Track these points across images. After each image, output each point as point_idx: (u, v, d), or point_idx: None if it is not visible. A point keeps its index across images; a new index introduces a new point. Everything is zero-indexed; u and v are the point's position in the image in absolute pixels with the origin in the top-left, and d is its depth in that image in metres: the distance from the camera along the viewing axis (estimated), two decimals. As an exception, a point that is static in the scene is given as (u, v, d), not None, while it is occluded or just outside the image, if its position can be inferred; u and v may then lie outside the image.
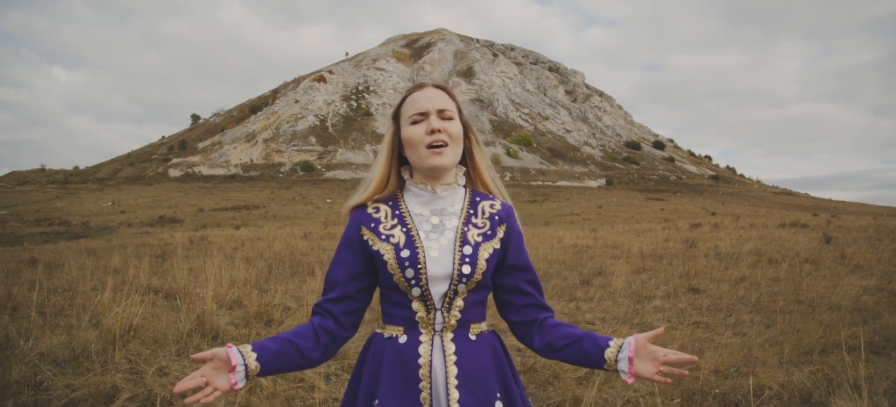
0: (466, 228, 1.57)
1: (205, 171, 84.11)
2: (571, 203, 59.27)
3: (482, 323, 1.60)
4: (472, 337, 1.55)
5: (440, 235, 1.55)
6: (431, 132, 1.55)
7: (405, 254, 1.50)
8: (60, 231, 29.66)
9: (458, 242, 1.54)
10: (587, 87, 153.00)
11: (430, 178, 1.60)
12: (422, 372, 1.49)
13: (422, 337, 1.52)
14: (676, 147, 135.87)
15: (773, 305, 6.91)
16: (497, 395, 1.52)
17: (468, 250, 1.53)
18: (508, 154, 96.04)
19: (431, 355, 1.51)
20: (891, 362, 4.47)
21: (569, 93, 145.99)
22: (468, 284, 1.52)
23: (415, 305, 1.53)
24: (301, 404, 3.71)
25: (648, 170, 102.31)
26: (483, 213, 1.62)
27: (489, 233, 1.59)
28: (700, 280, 9.00)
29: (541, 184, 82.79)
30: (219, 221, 36.01)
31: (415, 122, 1.58)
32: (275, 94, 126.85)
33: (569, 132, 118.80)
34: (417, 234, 1.55)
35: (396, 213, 1.60)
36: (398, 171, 1.67)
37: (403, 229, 1.56)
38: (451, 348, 1.52)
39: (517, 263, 1.62)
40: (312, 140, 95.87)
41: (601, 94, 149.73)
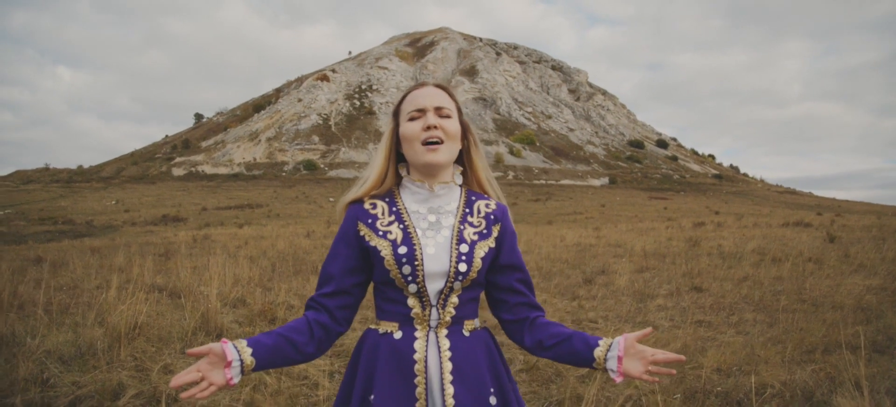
0: (463, 227, 1.59)
1: (208, 169, 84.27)
2: (574, 202, 59.22)
3: (475, 320, 1.62)
4: (466, 333, 1.58)
5: (437, 233, 1.57)
6: (427, 129, 1.58)
7: (402, 250, 1.52)
8: (64, 230, 29.72)
9: (455, 240, 1.56)
10: (590, 85, 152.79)
11: (427, 175, 1.62)
12: (417, 367, 1.51)
13: (417, 333, 1.54)
14: (679, 146, 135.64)
15: (776, 304, 6.91)
16: (491, 390, 1.54)
17: (464, 249, 1.55)
18: (511, 153, 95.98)
19: (426, 351, 1.52)
20: (894, 361, 4.47)
21: (572, 92, 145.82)
22: (464, 282, 1.54)
23: (410, 302, 1.54)
24: (305, 402, 3.73)
25: (651, 169, 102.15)
26: (479, 212, 1.64)
27: (485, 232, 1.61)
28: (703, 279, 9.01)
29: (544, 183, 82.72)
30: (222, 220, 36.10)
31: (412, 118, 1.60)
32: (278, 93, 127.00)
33: (572, 131, 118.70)
34: (415, 231, 1.56)
35: (393, 209, 1.61)
36: (396, 167, 1.69)
37: (400, 226, 1.57)
38: (446, 344, 1.54)
39: (510, 262, 1.64)
40: (315, 139, 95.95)
41: (604, 92, 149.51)
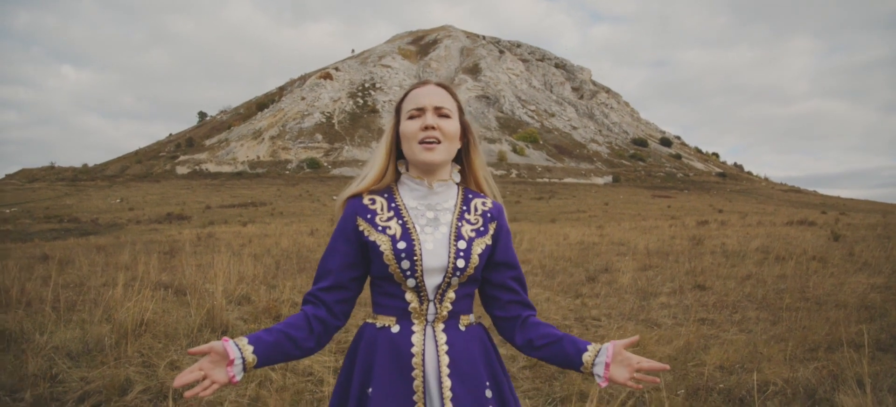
0: (460, 224, 1.62)
1: (212, 168, 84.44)
2: (578, 200, 59.17)
3: (470, 315, 1.65)
4: (462, 328, 1.61)
5: (435, 230, 1.60)
6: (425, 128, 1.60)
7: (402, 246, 1.55)
8: (70, 228, 29.85)
9: (453, 237, 1.59)
10: (594, 83, 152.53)
11: (425, 173, 1.65)
12: (415, 361, 1.53)
13: (414, 327, 1.57)
14: (683, 144, 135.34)
15: (780, 303, 6.92)
16: (486, 383, 1.57)
17: (462, 245, 1.58)
18: (514, 151, 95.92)
19: (424, 345, 1.55)
20: (896, 359, 4.48)
21: (575, 90, 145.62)
22: (461, 278, 1.58)
23: (408, 296, 1.57)
24: (310, 398, 3.77)
25: (655, 167, 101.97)
26: (476, 210, 1.68)
27: (482, 229, 1.64)
28: (706, 277, 9.02)
29: (547, 181, 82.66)
30: (226, 218, 36.18)
31: (412, 117, 1.63)
32: (281, 91, 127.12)
33: (575, 129, 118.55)
34: (413, 226, 1.59)
35: (392, 205, 1.64)
36: (396, 164, 1.71)
37: (399, 222, 1.60)
38: (443, 339, 1.57)
39: (505, 260, 1.68)
40: (319, 137, 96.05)
41: (608, 90, 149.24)
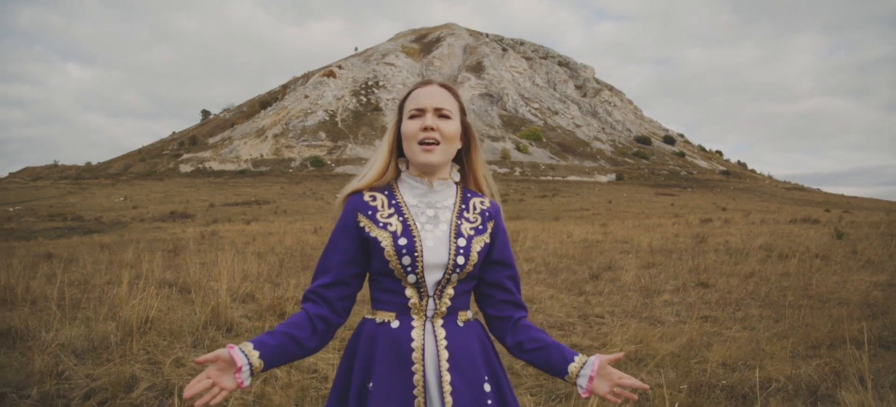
0: (460, 222, 1.65)
1: (215, 166, 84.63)
2: (581, 198, 59.15)
3: (468, 311, 1.68)
4: (461, 324, 1.64)
5: (435, 227, 1.62)
6: (425, 129, 1.62)
7: (403, 242, 1.57)
8: (74, 226, 29.97)
9: (453, 235, 1.62)
10: (597, 81, 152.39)
11: (424, 172, 1.68)
12: (415, 356, 1.56)
13: (414, 322, 1.59)
14: (687, 142, 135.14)
15: (783, 300, 6.93)
16: (485, 378, 1.60)
17: (462, 243, 1.61)
18: (518, 149, 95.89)
19: (424, 340, 1.58)
20: (899, 356, 4.49)
21: (578, 87, 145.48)
22: (460, 275, 1.60)
23: (408, 292, 1.59)
24: (314, 394, 3.79)
25: (659, 165, 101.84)
26: (474, 208, 1.70)
27: (480, 227, 1.67)
28: (709, 275, 9.02)
29: (550, 179, 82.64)
30: (229, 216, 36.28)
31: (413, 116, 1.65)
32: (284, 89, 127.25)
33: (578, 127, 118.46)
34: (414, 223, 1.61)
35: (393, 202, 1.66)
36: (397, 161, 1.74)
37: (400, 218, 1.62)
38: (442, 334, 1.59)
39: (502, 259, 1.71)
40: (322, 135, 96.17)
41: (611, 88, 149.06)
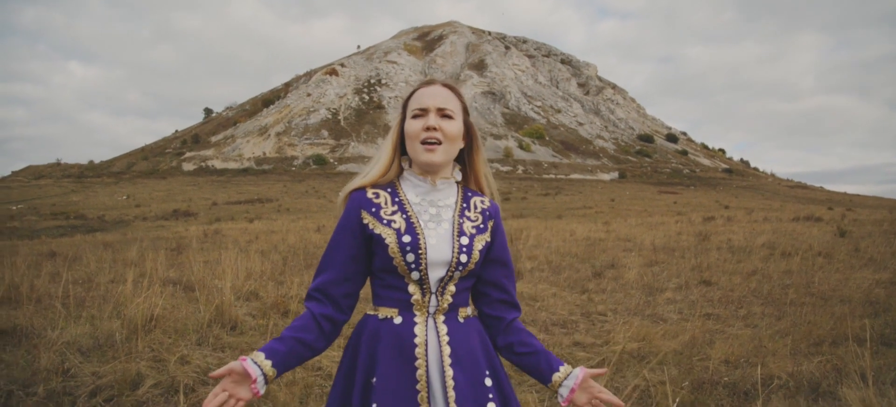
0: (462, 220, 1.68)
1: (218, 164, 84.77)
2: (584, 196, 59.14)
3: (468, 308, 1.71)
4: (461, 320, 1.66)
5: (437, 225, 1.65)
6: (427, 129, 1.65)
7: (407, 239, 1.59)
8: (76, 225, 30.07)
9: (456, 233, 1.64)
10: (600, 79, 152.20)
11: (427, 171, 1.70)
12: (418, 351, 1.58)
13: (416, 319, 1.61)
14: (690, 140, 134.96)
15: (785, 298, 6.94)
16: (485, 372, 1.63)
17: (465, 241, 1.63)
18: (520, 147, 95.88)
19: (426, 336, 1.60)
20: (901, 354, 4.50)
21: (581, 85, 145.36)
22: (462, 272, 1.63)
23: (411, 288, 1.62)
24: (319, 391, 3.82)
25: (661, 163, 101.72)
26: (475, 207, 1.73)
27: (481, 226, 1.70)
28: (712, 273, 9.03)
29: (553, 177, 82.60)
30: (232, 215, 36.36)
31: (416, 116, 1.67)
32: (287, 87, 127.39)
33: (581, 125, 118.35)
34: (418, 221, 1.64)
35: (396, 200, 1.68)
36: (400, 159, 1.76)
37: (404, 216, 1.64)
38: (444, 329, 1.62)
39: (500, 257, 1.74)
40: (325, 133, 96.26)
41: (614, 86, 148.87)
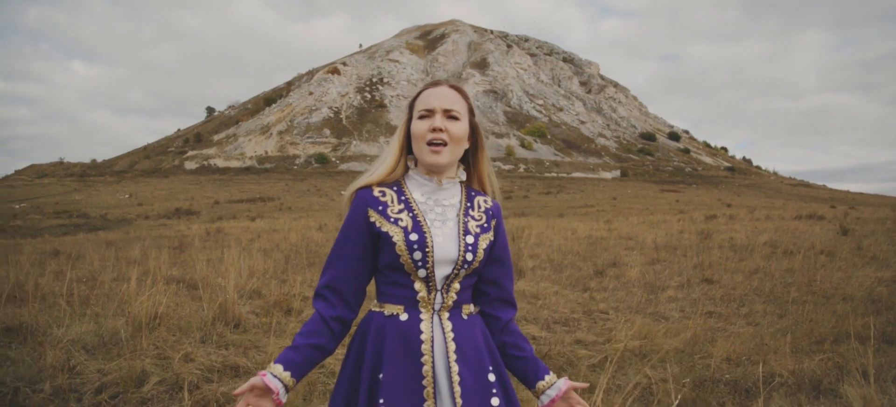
0: (467, 220, 1.71)
1: (220, 163, 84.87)
2: (586, 195, 59.12)
3: (471, 305, 1.74)
4: (465, 317, 1.69)
5: (443, 224, 1.68)
6: (433, 130, 1.67)
7: (414, 237, 1.62)
8: (79, 223, 30.15)
9: (462, 231, 1.67)
10: (602, 78, 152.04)
11: (432, 171, 1.73)
12: (424, 348, 1.61)
13: (422, 316, 1.64)
14: (692, 138, 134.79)
15: (787, 296, 6.94)
16: (489, 368, 1.66)
17: (470, 239, 1.66)
18: (522, 146, 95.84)
19: (432, 332, 1.63)
20: (903, 352, 4.51)
21: (583, 84, 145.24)
22: (467, 270, 1.66)
23: (417, 286, 1.64)
24: (322, 389, 3.85)
25: (663, 161, 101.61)
26: (479, 207, 1.76)
27: (485, 225, 1.73)
28: (714, 271, 9.03)
29: (555, 175, 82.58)
30: (234, 213, 36.42)
31: (422, 117, 1.70)
32: (289, 86, 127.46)
33: (583, 123, 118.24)
34: (424, 219, 1.66)
35: (402, 198, 1.70)
36: (406, 159, 1.78)
37: (410, 214, 1.67)
38: (449, 326, 1.65)
39: (501, 257, 1.77)
40: (327, 132, 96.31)
41: (616, 85, 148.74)
